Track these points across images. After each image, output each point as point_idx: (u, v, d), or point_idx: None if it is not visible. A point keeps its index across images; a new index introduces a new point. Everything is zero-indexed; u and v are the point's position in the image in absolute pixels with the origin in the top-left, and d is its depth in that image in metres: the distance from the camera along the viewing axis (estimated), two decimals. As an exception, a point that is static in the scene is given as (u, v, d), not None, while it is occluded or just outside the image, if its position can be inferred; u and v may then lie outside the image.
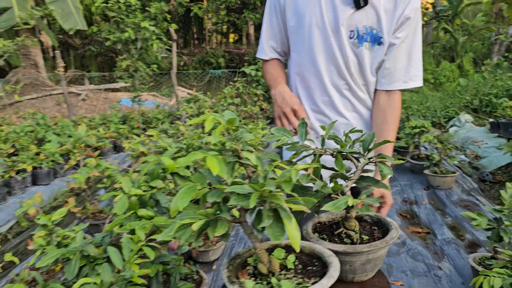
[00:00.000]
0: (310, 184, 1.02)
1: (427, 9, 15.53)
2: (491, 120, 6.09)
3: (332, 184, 1.04)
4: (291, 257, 0.94)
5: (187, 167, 2.03)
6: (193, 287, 1.98)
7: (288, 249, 1.00)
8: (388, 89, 1.45)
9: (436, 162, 4.20)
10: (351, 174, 1.07)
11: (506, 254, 2.22)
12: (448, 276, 2.67)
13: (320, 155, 1.06)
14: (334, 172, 1.06)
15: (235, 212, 0.88)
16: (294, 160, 1.04)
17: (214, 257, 2.95)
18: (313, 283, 0.83)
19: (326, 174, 1.11)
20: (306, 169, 0.91)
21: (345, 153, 1.06)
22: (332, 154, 1.06)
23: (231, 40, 24.46)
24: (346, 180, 1.06)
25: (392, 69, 1.43)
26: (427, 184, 4.33)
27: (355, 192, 1.57)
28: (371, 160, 1.05)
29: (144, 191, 1.90)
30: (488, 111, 7.14)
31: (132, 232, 1.72)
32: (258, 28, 22.17)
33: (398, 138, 5.32)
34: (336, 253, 0.94)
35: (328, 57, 1.44)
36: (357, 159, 1.08)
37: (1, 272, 2.71)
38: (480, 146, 5.34)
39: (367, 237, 1.06)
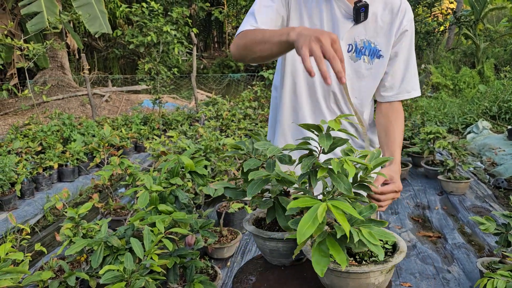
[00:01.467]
0: None
1: (448, 14, 15.35)
2: (509, 127, 6.04)
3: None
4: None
5: (205, 167, 2.16)
6: (207, 279, 2.10)
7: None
8: (393, 100, 1.47)
9: (450, 168, 4.23)
10: None
11: (513, 259, 2.28)
12: (457, 280, 2.72)
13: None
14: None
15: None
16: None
17: (229, 254, 3.07)
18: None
19: None
20: None
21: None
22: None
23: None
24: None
25: (395, 81, 1.46)
26: (440, 190, 4.36)
27: None
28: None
29: (164, 187, 2.05)
30: (507, 118, 7.07)
31: (153, 225, 1.86)
32: (277, 32, 22.19)
33: (413, 144, 5.35)
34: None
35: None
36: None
37: (31, 260, 2.89)
38: (497, 153, 5.32)
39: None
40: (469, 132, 6.77)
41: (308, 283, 1.16)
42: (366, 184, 1.06)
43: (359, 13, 1.34)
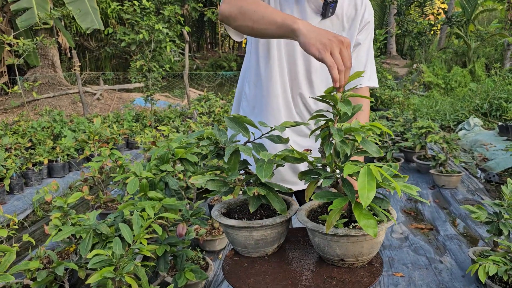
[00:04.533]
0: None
1: (439, 14, 15.48)
2: (500, 123, 6.09)
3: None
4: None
5: (196, 155, 2.13)
6: (198, 268, 2.08)
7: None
8: (356, 86, 1.52)
9: (441, 162, 4.25)
10: None
11: (504, 246, 2.28)
12: (449, 269, 2.72)
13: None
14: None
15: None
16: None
17: (221, 247, 3.04)
18: None
19: None
20: None
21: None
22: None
23: (243, 45, 24.66)
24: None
25: (355, 68, 1.50)
26: (432, 184, 4.37)
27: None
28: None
29: (154, 174, 2.02)
30: (498, 115, 7.13)
31: (143, 211, 1.83)
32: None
33: (405, 139, 5.36)
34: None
35: (289, 60, 1.46)
36: None
37: (19, 252, 2.84)
38: (488, 149, 5.35)
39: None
40: (461, 129, 6.82)
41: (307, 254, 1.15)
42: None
43: (328, 9, 1.39)
